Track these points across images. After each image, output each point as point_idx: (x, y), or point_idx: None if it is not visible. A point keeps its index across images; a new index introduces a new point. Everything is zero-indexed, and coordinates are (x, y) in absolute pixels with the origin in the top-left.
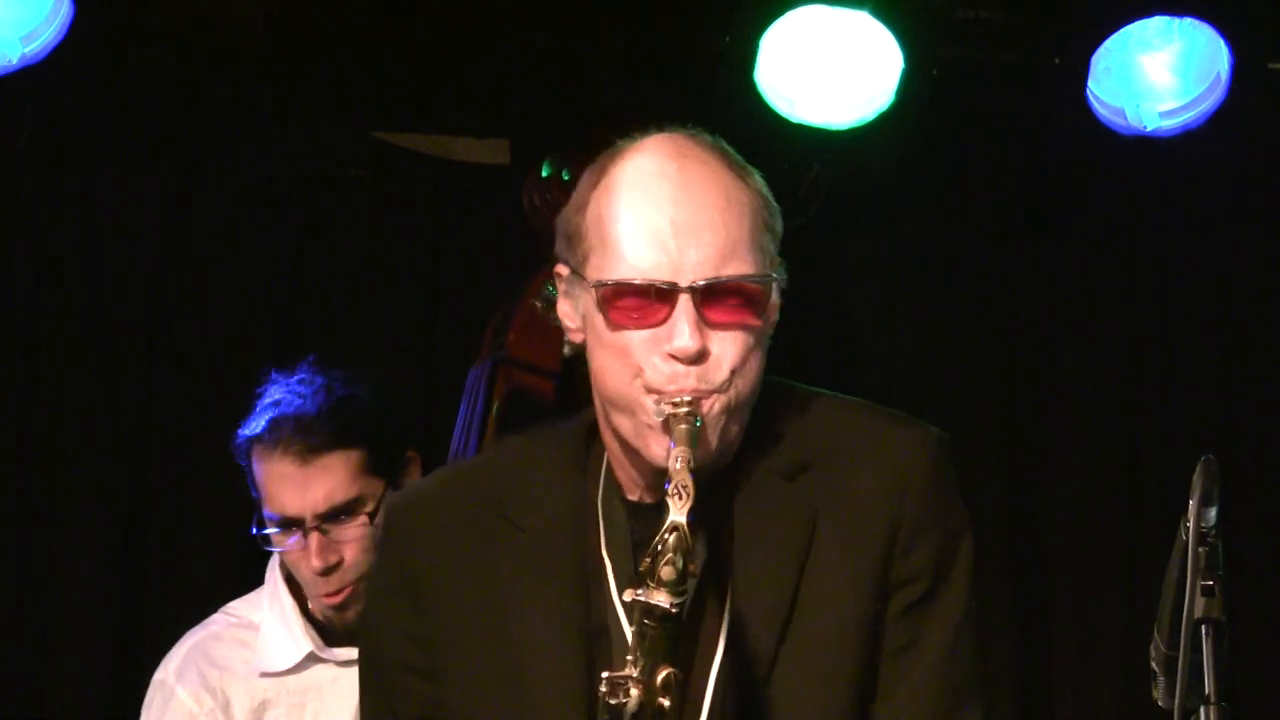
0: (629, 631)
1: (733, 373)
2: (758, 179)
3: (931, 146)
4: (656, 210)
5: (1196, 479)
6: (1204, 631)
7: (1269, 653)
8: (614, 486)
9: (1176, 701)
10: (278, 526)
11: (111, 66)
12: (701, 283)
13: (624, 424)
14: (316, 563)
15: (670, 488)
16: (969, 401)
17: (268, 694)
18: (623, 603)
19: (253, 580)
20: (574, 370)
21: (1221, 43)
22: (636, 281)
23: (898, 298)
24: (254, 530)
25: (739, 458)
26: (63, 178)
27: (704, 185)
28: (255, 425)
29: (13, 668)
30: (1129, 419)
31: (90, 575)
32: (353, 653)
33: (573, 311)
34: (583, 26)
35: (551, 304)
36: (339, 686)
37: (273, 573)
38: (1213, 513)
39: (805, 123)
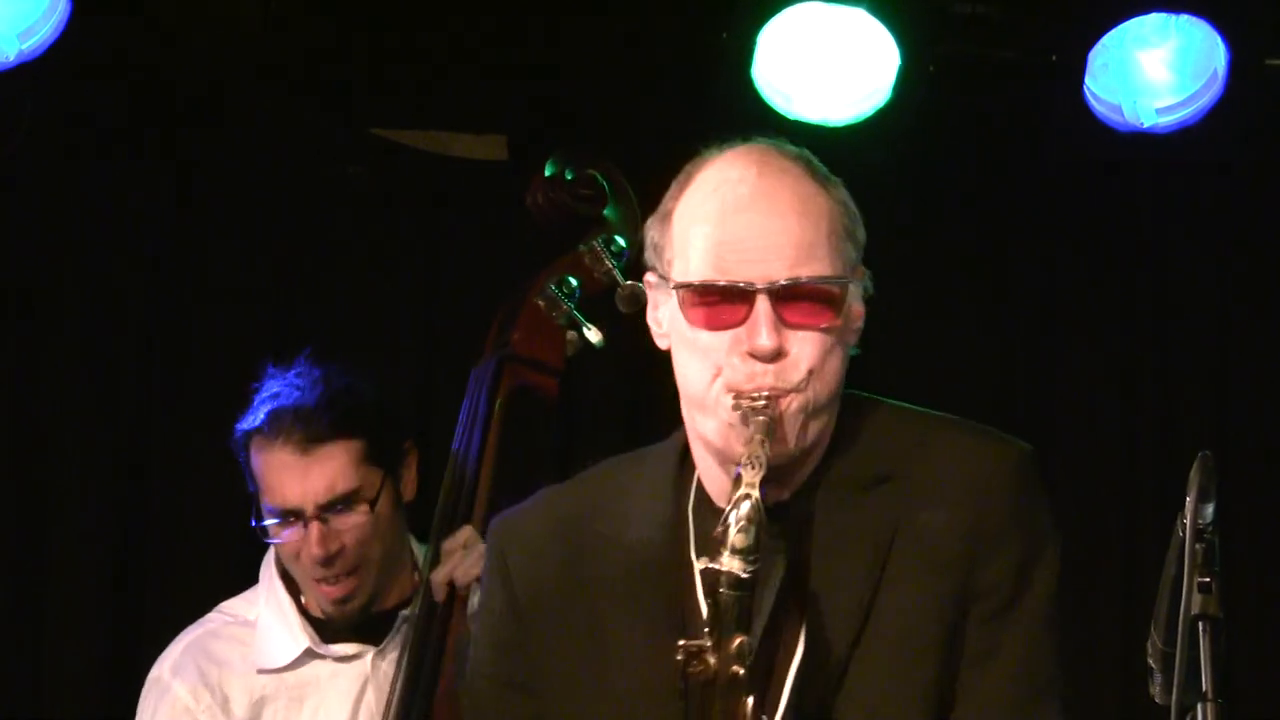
0: (703, 604)
1: (810, 373)
2: (840, 188)
3: (928, 143)
4: (735, 214)
5: (1194, 475)
6: (1201, 628)
7: (1266, 649)
8: (704, 498)
9: (1174, 698)
10: (278, 518)
11: (108, 62)
12: (779, 283)
13: (707, 425)
14: (318, 551)
15: (744, 458)
16: (964, 398)
17: (265, 690)
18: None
19: (251, 578)
20: (575, 369)
21: (1218, 39)
22: (716, 283)
23: (893, 295)
24: (253, 523)
25: (822, 468)
26: (60, 175)
27: (782, 190)
28: (254, 418)
29: (11, 667)
30: (1126, 415)
31: (88, 572)
32: (350, 648)
33: (660, 317)
34: (580, 23)
35: (553, 301)
36: (337, 682)
37: (267, 570)
38: (1210, 509)
39: (802, 119)
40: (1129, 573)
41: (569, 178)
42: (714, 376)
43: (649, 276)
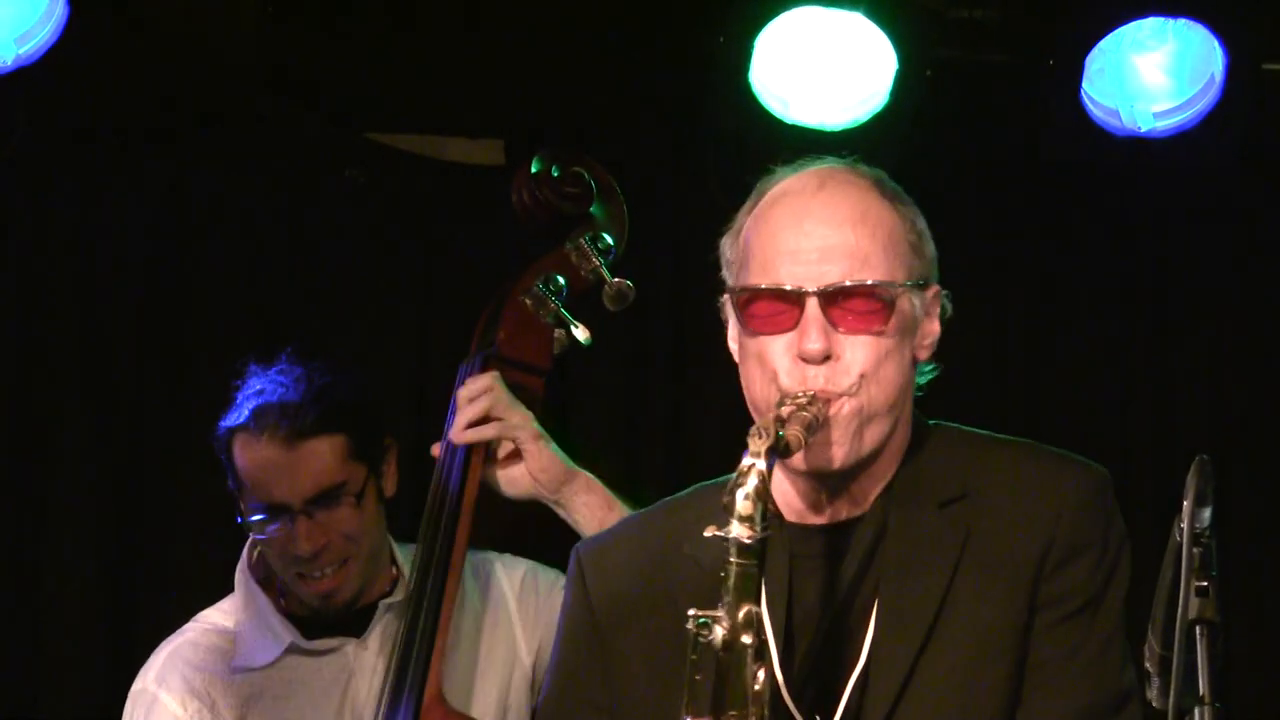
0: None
1: (862, 377)
2: (909, 206)
3: (926, 148)
4: (792, 224)
5: (1191, 479)
6: (1198, 632)
7: (1264, 653)
8: (776, 509)
9: (1171, 702)
10: (263, 514)
11: (106, 67)
12: (829, 287)
13: None
14: (306, 546)
15: (752, 430)
16: (963, 402)
17: (251, 689)
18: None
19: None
20: (562, 368)
21: (1215, 43)
22: (767, 286)
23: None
24: (238, 520)
25: (897, 484)
26: (57, 179)
27: (844, 201)
28: (237, 415)
29: (8, 668)
30: (1124, 419)
31: (83, 572)
32: (332, 641)
33: (732, 329)
34: (577, 27)
35: (541, 300)
36: (321, 675)
37: (243, 575)
38: (1207, 513)
39: (799, 124)
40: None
41: (555, 175)
42: (770, 380)
43: (725, 295)
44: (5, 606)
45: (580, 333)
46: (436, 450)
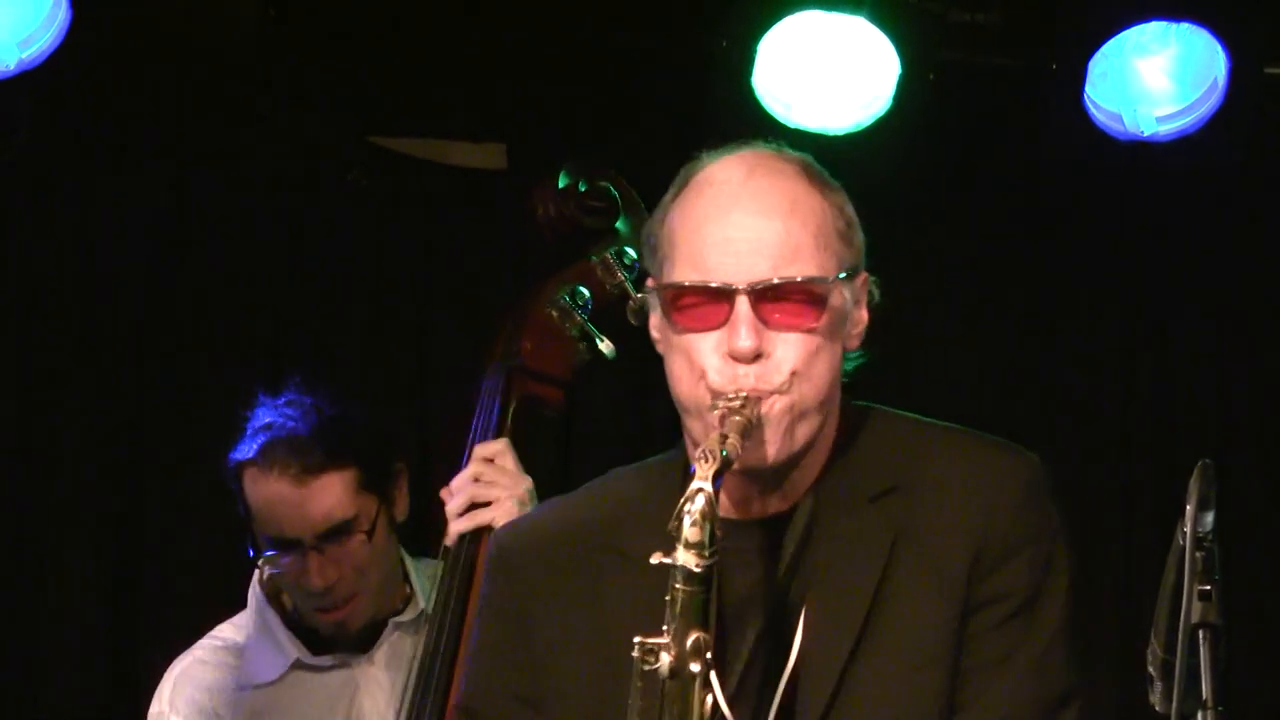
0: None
1: (794, 374)
2: (838, 192)
3: (928, 151)
4: (720, 215)
5: (1193, 483)
6: (1201, 636)
7: (1266, 657)
8: None
9: (1174, 706)
10: (275, 548)
11: (108, 71)
12: (760, 283)
13: (695, 427)
14: (318, 582)
15: (699, 452)
16: (965, 408)
17: (257, 706)
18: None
19: (248, 582)
20: (583, 380)
21: (1218, 47)
22: (696, 283)
23: (895, 302)
24: (250, 553)
25: (826, 477)
26: (59, 182)
27: (771, 191)
28: (247, 449)
29: (8, 669)
30: (1126, 424)
31: (85, 576)
32: (339, 658)
33: (656, 321)
34: (580, 31)
35: (565, 312)
36: (328, 691)
37: (255, 591)
38: (1210, 517)
39: (802, 127)
40: (1127, 580)
41: (581, 189)
42: (698, 379)
43: (649, 282)
44: (6, 607)
45: (605, 346)
46: (445, 495)
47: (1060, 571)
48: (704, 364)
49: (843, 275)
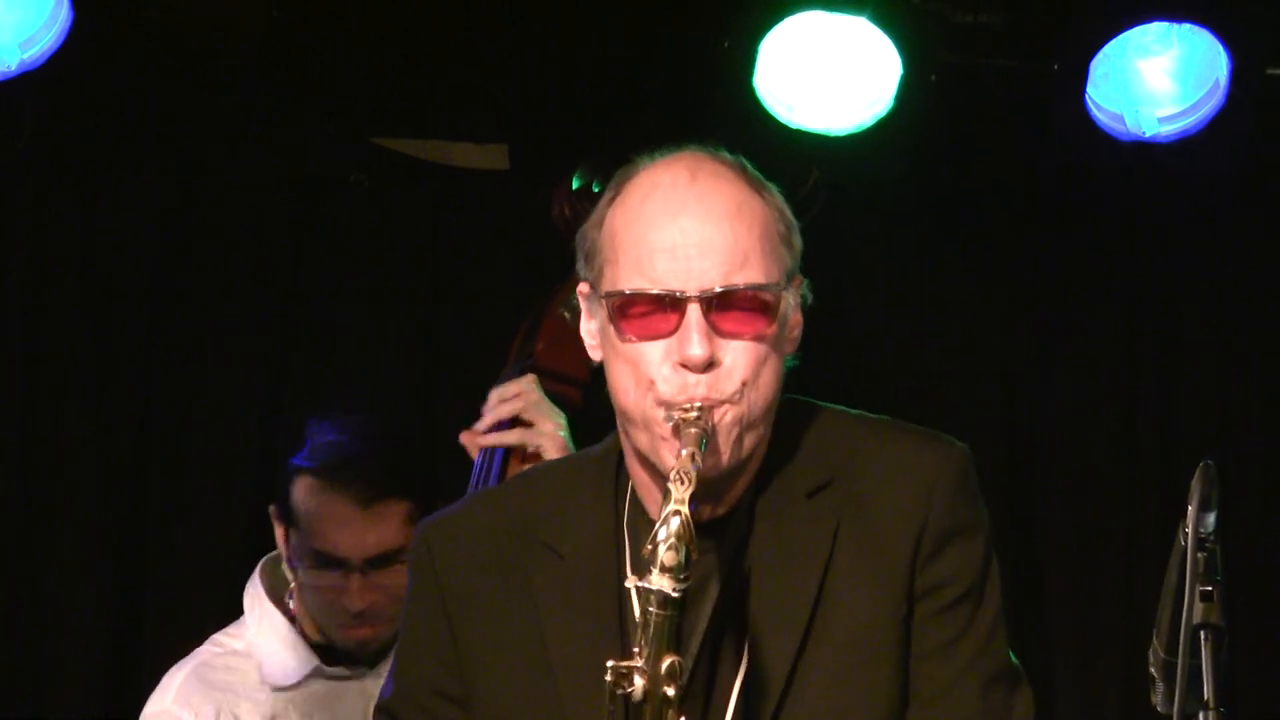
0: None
1: (744, 384)
2: (775, 195)
3: (931, 152)
4: (666, 220)
5: (1195, 484)
6: (1203, 637)
7: (1268, 658)
8: (639, 509)
9: (1176, 707)
10: (319, 564)
11: (110, 72)
12: (711, 291)
13: (641, 438)
14: (358, 604)
15: (673, 474)
16: (968, 408)
17: (276, 708)
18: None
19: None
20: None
21: (1220, 48)
22: (646, 291)
23: (897, 303)
24: (291, 563)
25: (762, 477)
26: (62, 183)
27: (715, 196)
28: (312, 457)
29: (10, 669)
30: (1129, 424)
31: (88, 575)
32: (351, 669)
33: (591, 329)
34: (582, 32)
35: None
36: (347, 699)
37: (257, 597)
38: (1212, 518)
39: (804, 128)
40: (1129, 580)
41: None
42: (646, 389)
43: (581, 286)
44: (7, 608)
45: None
46: (464, 438)
47: (992, 557)
48: (652, 374)
49: (787, 280)
